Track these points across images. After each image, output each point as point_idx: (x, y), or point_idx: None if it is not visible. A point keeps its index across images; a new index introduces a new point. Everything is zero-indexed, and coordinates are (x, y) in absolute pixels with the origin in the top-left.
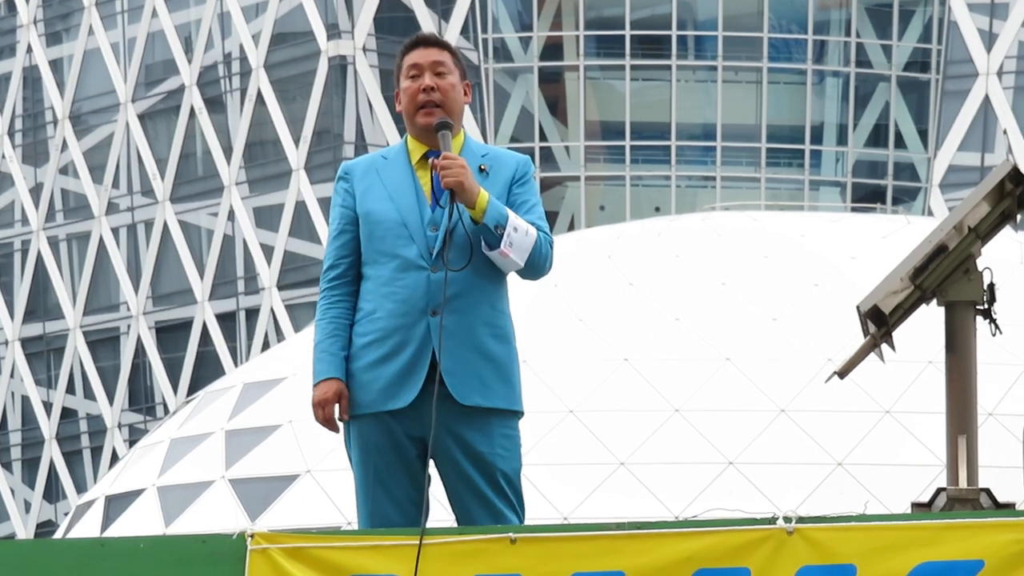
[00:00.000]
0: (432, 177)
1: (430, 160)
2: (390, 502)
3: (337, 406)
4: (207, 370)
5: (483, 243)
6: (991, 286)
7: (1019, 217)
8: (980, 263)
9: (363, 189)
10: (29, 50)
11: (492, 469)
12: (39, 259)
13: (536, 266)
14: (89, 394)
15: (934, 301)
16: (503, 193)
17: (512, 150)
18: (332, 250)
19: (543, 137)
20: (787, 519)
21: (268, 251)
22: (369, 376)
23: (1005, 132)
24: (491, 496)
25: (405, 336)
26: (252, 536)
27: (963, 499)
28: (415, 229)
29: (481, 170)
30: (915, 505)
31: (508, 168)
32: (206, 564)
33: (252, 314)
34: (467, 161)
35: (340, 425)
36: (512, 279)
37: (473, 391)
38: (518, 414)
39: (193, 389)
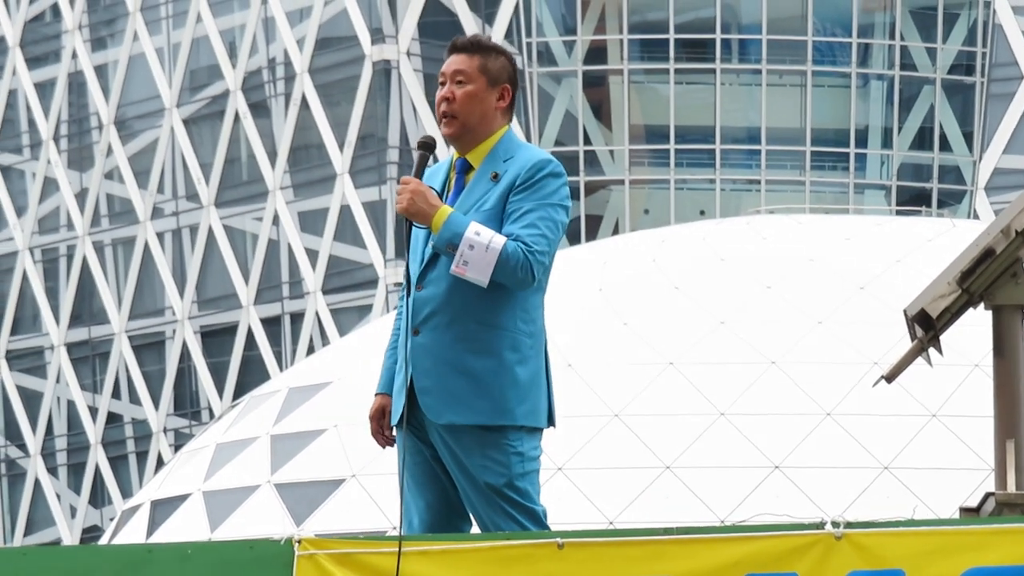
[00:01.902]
0: (455, 189)
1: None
2: (424, 505)
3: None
4: (252, 375)
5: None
6: None
7: None
8: None
9: None
10: (74, 56)
11: (477, 483)
12: (84, 264)
13: (507, 279)
14: (135, 399)
15: (981, 305)
16: (499, 202)
17: (553, 152)
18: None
19: (587, 141)
20: (835, 524)
21: (313, 255)
22: (396, 390)
23: None
24: (481, 510)
25: (402, 355)
26: (299, 542)
27: (1012, 504)
28: (417, 248)
29: (493, 177)
30: (963, 510)
31: (514, 174)
32: (254, 569)
33: (297, 318)
34: (487, 168)
35: (376, 445)
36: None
37: (445, 409)
38: (514, 428)
39: (238, 394)
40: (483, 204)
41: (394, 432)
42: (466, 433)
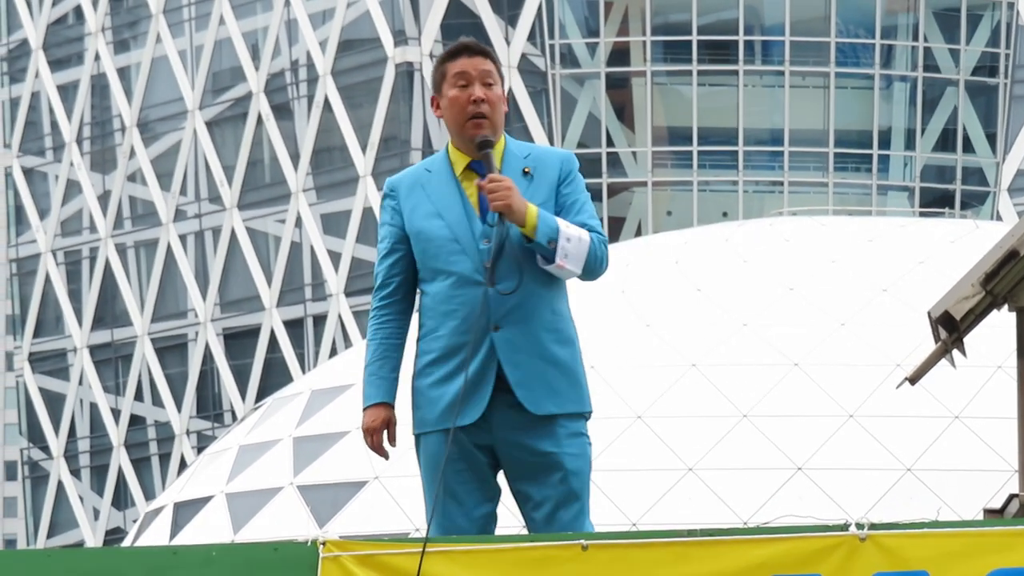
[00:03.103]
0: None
1: (476, 182)
2: (461, 512)
3: (385, 433)
4: (275, 377)
5: (538, 257)
6: None
7: None
8: None
9: (411, 207)
10: (97, 58)
11: (561, 469)
12: (107, 266)
13: (592, 269)
14: (157, 401)
15: (1005, 306)
16: (550, 196)
17: (576, 154)
18: (382, 269)
19: (610, 143)
20: (859, 526)
21: (335, 258)
22: (436, 393)
23: None
24: (559, 498)
25: (469, 352)
26: (324, 543)
27: None
28: (467, 244)
29: (525, 173)
30: (987, 511)
31: (552, 168)
32: (278, 571)
33: (319, 321)
34: (510, 166)
35: (390, 451)
36: (571, 282)
37: (545, 399)
38: (587, 415)
39: (261, 396)
40: (532, 200)
41: (420, 435)
42: (557, 422)
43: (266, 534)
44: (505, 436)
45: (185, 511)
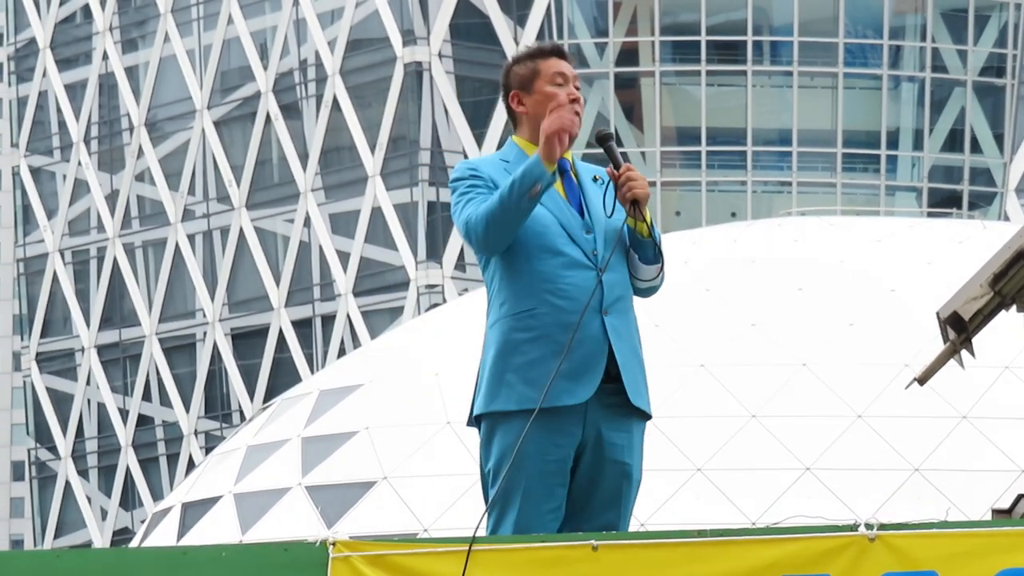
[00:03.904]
0: (566, 184)
1: (608, 170)
2: (547, 505)
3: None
4: (283, 377)
5: (635, 259)
6: None
7: None
8: None
9: (501, 183)
10: (105, 57)
11: (629, 482)
12: (115, 266)
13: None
14: (165, 401)
15: (1014, 307)
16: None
17: (584, 155)
18: (482, 203)
19: (619, 143)
20: (869, 526)
21: (344, 257)
22: (537, 372)
23: None
24: (621, 501)
25: (578, 333)
26: (334, 544)
27: None
28: (575, 231)
29: (595, 180)
30: (995, 511)
31: (602, 178)
32: (288, 572)
33: (328, 321)
34: (583, 172)
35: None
36: None
37: (638, 394)
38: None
39: (269, 396)
40: (606, 206)
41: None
42: (635, 425)
43: (274, 534)
44: (597, 428)
45: (193, 511)
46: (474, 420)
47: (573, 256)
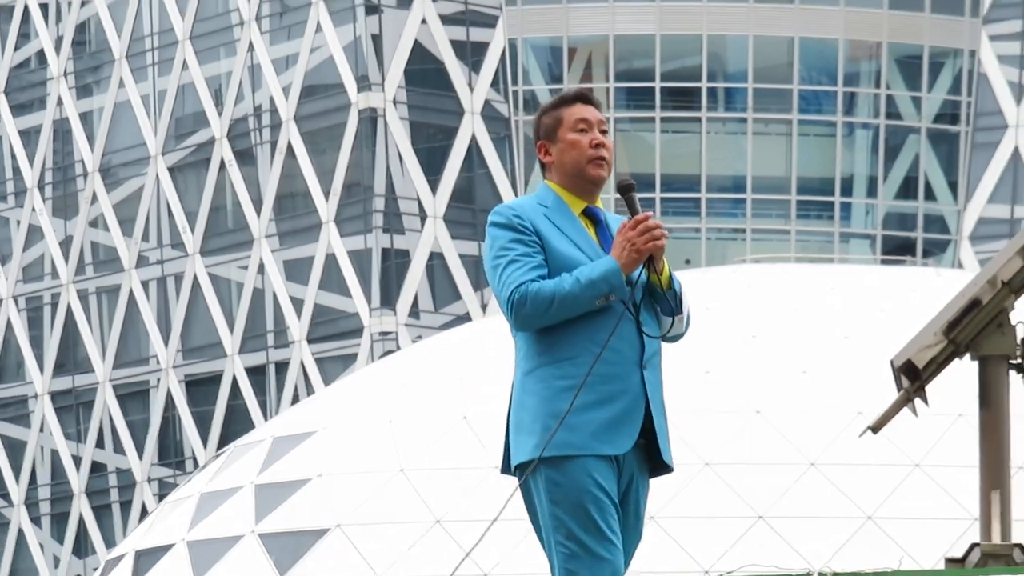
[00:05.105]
0: (601, 234)
1: (625, 221)
2: (612, 539)
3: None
4: (237, 424)
5: (658, 309)
6: None
7: None
8: (1013, 317)
9: (544, 232)
10: (59, 103)
11: (637, 539)
12: (69, 312)
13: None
14: (119, 448)
15: (967, 355)
16: None
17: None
18: (536, 263)
19: None
20: (822, 574)
21: (298, 304)
22: (581, 419)
23: None
24: (632, 550)
25: (620, 384)
26: None
27: (997, 554)
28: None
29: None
30: (949, 560)
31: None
32: None
33: (282, 367)
34: (612, 219)
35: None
36: None
37: (667, 450)
38: None
39: (223, 443)
40: None
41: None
42: (648, 485)
43: None
44: (631, 477)
45: (146, 559)
46: (516, 466)
47: (614, 307)
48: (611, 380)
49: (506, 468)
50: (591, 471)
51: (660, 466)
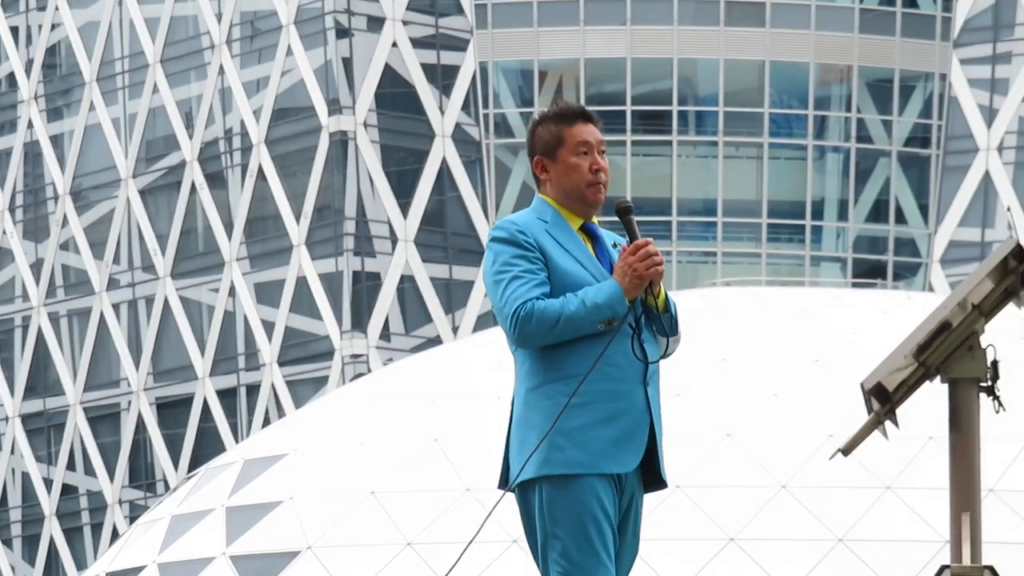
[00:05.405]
0: (599, 250)
1: (623, 245)
2: (606, 563)
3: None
4: (208, 446)
5: (654, 329)
6: (995, 363)
7: (1022, 294)
8: (983, 340)
9: (547, 248)
10: (30, 125)
11: (634, 554)
12: (39, 335)
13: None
14: (89, 470)
15: (937, 378)
16: None
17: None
18: (538, 281)
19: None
20: None
21: (269, 327)
22: (587, 436)
23: (1008, 209)
24: (631, 565)
25: (624, 402)
26: None
27: None
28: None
29: (614, 246)
30: None
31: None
32: None
33: (253, 390)
34: (607, 237)
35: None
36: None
37: (663, 468)
38: None
39: (194, 465)
40: None
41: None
42: (648, 490)
43: None
44: (632, 494)
45: None
46: (516, 484)
47: (637, 329)
48: (616, 397)
49: (503, 483)
50: (596, 491)
51: (654, 481)
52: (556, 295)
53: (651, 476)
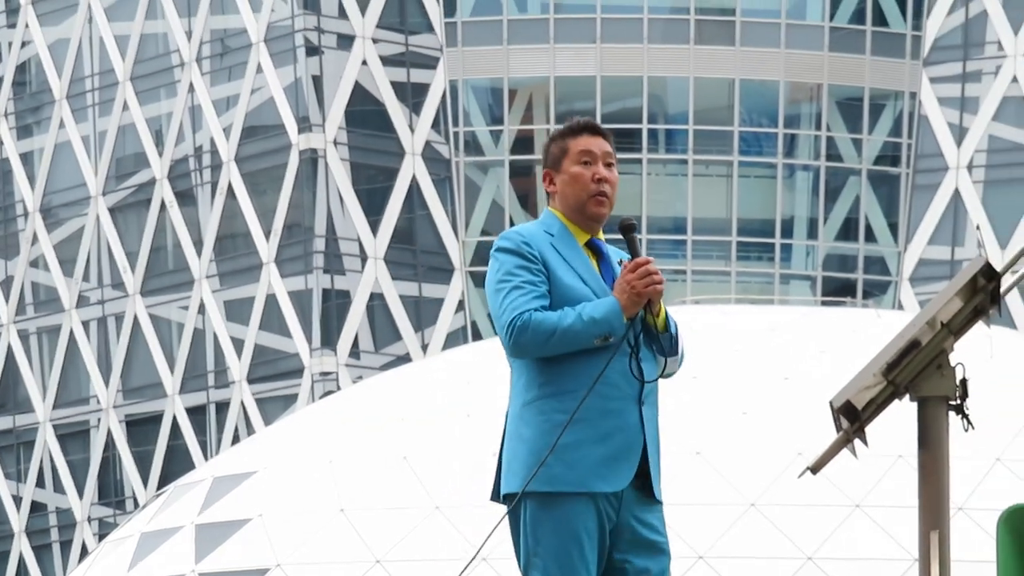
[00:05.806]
0: (601, 265)
1: (624, 262)
2: None
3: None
4: (177, 464)
5: (653, 348)
6: (964, 381)
7: (991, 312)
8: (952, 359)
9: (550, 262)
10: (0, 143)
11: (666, 555)
12: (9, 352)
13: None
14: (59, 488)
15: (907, 396)
16: None
17: (479, 242)
18: (540, 293)
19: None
20: None
21: (238, 344)
22: (576, 454)
23: (978, 228)
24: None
25: (617, 420)
26: None
27: None
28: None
29: (620, 263)
30: None
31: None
32: None
33: (222, 407)
34: (612, 254)
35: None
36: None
37: (659, 487)
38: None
39: (163, 483)
40: None
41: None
42: (659, 509)
43: None
44: (630, 513)
45: None
46: (505, 497)
47: (615, 345)
48: (610, 416)
49: (496, 496)
50: (580, 511)
51: (648, 499)
52: (556, 309)
53: (646, 494)
